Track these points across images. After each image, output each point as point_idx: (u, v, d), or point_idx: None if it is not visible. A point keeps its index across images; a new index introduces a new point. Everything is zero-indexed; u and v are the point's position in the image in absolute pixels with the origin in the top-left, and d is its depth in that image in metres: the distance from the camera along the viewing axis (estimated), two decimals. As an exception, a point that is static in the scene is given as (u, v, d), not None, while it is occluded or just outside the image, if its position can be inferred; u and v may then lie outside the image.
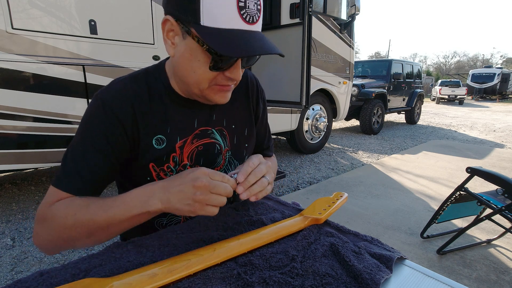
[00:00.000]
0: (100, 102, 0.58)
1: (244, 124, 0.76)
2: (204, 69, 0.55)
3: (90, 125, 0.58)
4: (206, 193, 0.48)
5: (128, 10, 2.34)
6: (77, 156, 0.57)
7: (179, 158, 0.66)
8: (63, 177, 0.56)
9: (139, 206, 0.52)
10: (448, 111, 12.18)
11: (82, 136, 0.58)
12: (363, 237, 0.58)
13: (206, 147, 0.69)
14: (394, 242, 1.94)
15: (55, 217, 0.53)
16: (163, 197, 0.51)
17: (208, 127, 0.69)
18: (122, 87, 0.60)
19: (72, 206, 0.53)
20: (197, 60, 0.54)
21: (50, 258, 1.75)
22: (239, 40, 0.50)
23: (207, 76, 0.56)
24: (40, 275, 0.43)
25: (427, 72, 36.92)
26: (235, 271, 0.45)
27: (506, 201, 1.60)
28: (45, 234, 0.55)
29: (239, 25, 0.50)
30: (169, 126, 0.64)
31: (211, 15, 0.49)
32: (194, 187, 0.48)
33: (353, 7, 4.32)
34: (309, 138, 4.36)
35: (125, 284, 0.40)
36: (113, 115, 0.58)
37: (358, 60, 8.00)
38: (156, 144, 0.63)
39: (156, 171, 0.64)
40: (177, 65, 0.58)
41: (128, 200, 0.53)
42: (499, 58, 47.28)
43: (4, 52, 1.91)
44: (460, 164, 3.84)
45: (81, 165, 0.56)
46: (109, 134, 0.58)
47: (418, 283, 0.45)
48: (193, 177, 0.49)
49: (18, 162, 2.08)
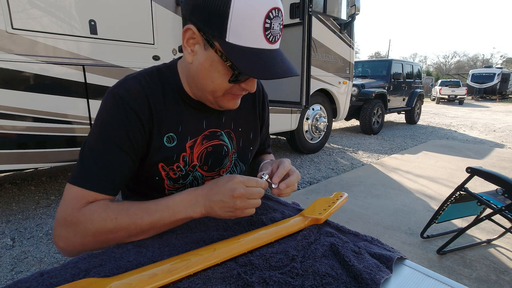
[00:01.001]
0: (119, 98, 0.58)
1: (250, 128, 0.77)
2: (223, 80, 0.57)
3: (110, 122, 0.57)
4: (245, 201, 0.53)
5: (128, 10, 2.34)
6: (99, 153, 0.56)
7: (189, 158, 0.67)
8: (87, 176, 0.55)
9: (183, 212, 0.55)
10: (448, 111, 12.17)
11: (101, 133, 0.57)
12: (363, 237, 0.58)
13: (215, 148, 0.70)
14: (394, 242, 1.94)
15: (92, 221, 0.52)
16: (206, 204, 0.55)
17: (217, 129, 0.70)
18: (137, 84, 0.60)
19: (111, 210, 0.53)
20: (216, 71, 0.56)
21: (50, 258, 1.75)
22: (263, 62, 0.52)
23: (224, 87, 0.58)
24: (40, 275, 0.43)
25: (427, 72, 36.91)
26: (235, 271, 0.45)
27: (506, 201, 1.60)
28: (77, 237, 0.53)
29: (262, 44, 0.52)
30: (180, 125, 0.65)
31: (237, 33, 0.50)
32: (234, 197, 0.53)
33: (353, 7, 4.32)
34: (309, 138, 4.36)
35: (125, 284, 0.40)
36: (132, 112, 0.58)
37: (358, 60, 8.00)
38: (167, 142, 0.63)
39: (165, 170, 0.65)
40: (194, 72, 0.59)
41: (172, 205, 0.55)
42: (499, 58, 47.31)
43: (4, 52, 1.91)
44: (460, 164, 3.84)
45: (104, 162, 0.56)
46: (130, 131, 0.58)
47: (418, 283, 0.45)
48: (231, 188, 0.53)
49: (18, 162, 2.08)
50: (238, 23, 0.49)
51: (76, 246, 0.54)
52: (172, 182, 0.67)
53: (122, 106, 0.57)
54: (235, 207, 0.53)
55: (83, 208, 0.53)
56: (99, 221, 0.52)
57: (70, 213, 0.53)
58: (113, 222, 0.52)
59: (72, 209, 0.53)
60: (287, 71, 0.54)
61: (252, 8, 0.49)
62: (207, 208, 0.55)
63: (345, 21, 4.33)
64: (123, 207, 0.54)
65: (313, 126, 4.31)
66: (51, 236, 2.00)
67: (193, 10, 0.53)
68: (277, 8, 0.52)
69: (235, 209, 0.53)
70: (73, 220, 0.53)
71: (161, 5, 2.49)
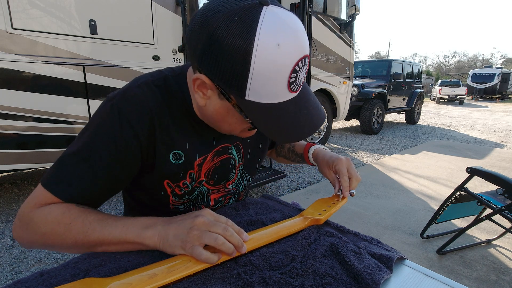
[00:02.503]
0: (116, 110, 0.52)
1: (259, 138, 0.73)
2: (241, 125, 0.53)
3: (100, 132, 0.52)
4: (202, 231, 0.45)
5: (128, 10, 2.34)
6: (80, 162, 0.51)
7: (196, 175, 0.63)
8: (59, 182, 0.51)
9: (135, 232, 0.48)
10: (448, 111, 12.17)
11: (88, 142, 0.52)
12: (363, 237, 0.58)
13: (223, 162, 0.66)
14: (394, 242, 1.94)
15: (45, 222, 0.49)
16: (161, 231, 0.48)
17: (228, 144, 0.66)
18: (140, 95, 0.54)
19: (70, 214, 0.49)
20: (234, 117, 0.51)
21: (50, 258, 1.75)
22: (285, 122, 0.47)
23: (243, 127, 0.54)
24: (40, 275, 0.43)
25: (427, 72, 36.90)
26: (235, 271, 0.45)
27: (506, 201, 1.60)
28: (27, 235, 0.51)
29: (285, 97, 0.46)
30: (187, 142, 0.59)
31: (257, 92, 0.43)
32: (192, 223, 0.47)
33: (353, 7, 4.32)
34: (309, 138, 4.36)
35: (125, 284, 0.40)
36: (128, 126, 0.52)
37: (358, 60, 8.00)
38: (174, 159, 0.59)
39: (171, 187, 0.61)
40: (208, 114, 0.54)
41: (128, 223, 0.49)
42: (499, 58, 47.31)
43: (4, 52, 1.91)
44: (460, 164, 3.84)
45: (82, 173, 0.51)
46: (120, 147, 0.52)
47: (418, 283, 0.45)
48: (196, 214, 0.48)
49: (18, 162, 2.08)
50: (259, 84, 0.42)
51: (24, 241, 0.52)
52: (177, 198, 0.64)
53: (118, 118, 0.51)
54: (188, 234, 0.45)
55: (41, 208, 0.50)
56: (52, 222, 0.49)
57: (28, 212, 0.51)
58: (65, 227, 0.48)
59: (31, 207, 0.51)
60: (312, 126, 0.49)
61: (275, 66, 0.41)
62: (161, 235, 0.47)
63: (345, 21, 4.33)
64: (84, 214, 0.50)
65: (313, 126, 4.31)
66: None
67: (203, 59, 0.44)
68: (306, 57, 0.44)
69: (187, 236, 0.45)
70: (27, 218, 0.50)
71: (161, 5, 2.48)
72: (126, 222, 0.50)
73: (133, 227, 0.49)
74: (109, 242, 0.49)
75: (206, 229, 0.46)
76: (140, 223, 0.50)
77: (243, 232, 0.49)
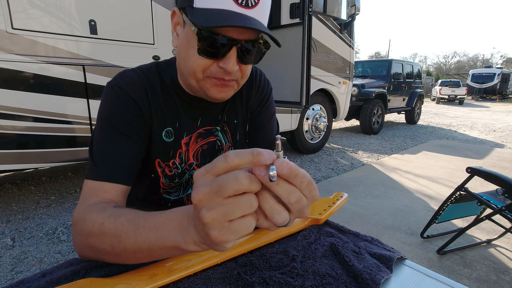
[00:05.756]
0: (118, 88, 0.57)
1: (246, 119, 0.74)
2: (197, 56, 0.53)
3: (112, 112, 0.57)
4: (220, 226, 0.30)
5: (128, 10, 2.34)
6: (103, 142, 0.55)
7: (185, 155, 0.66)
8: (97, 168, 0.54)
9: (172, 237, 0.36)
10: (448, 111, 12.17)
11: (105, 124, 0.57)
12: (363, 237, 0.58)
13: (210, 144, 0.69)
14: (394, 242, 1.94)
15: (84, 221, 0.46)
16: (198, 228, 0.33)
17: (212, 126, 0.68)
18: (136, 76, 0.60)
19: (104, 213, 0.45)
20: (191, 47, 0.53)
21: (50, 258, 1.75)
22: (222, 16, 0.47)
23: (200, 63, 0.53)
24: (43, 276, 0.43)
25: (427, 72, 36.90)
26: (235, 271, 0.45)
27: (506, 201, 1.60)
28: (76, 236, 0.49)
29: (229, 6, 0.47)
30: (178, 121, 0.64)
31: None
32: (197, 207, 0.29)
33: (353, 7, 4.32)
34: (309, 138, 4.36)
35: (125, 284, 0.40)
36: (132, 100, 0.58)
37: (358, 60, 8.00)
38: (166, 136, 0.63)
39: (161, 167, 0.64)
40: (178, 55, 0.59)
41: (162, 224, 0.38)
42: (499, 58, 47.33)
43: (4, 52, 1.91)
44: (460, 164, 3.83)
45: (112, 151, 0.55)
46: (131, 118, 0.57)
47: (418, 283, 0.45)
48: (192, 192, 0.40)
49: (18, 162, 2.08)
50: None
51: (76, 248, 0.49)
52: (167, 180, 0.66)
53: (122, 95, 0.57)
54: (207, 237, 0.30)
55: (89, 206, 0.49)
56: (89, 221, 0.46)
57: (77, 210, 0.50)
58: (99, 227, 0.44)
59: (80, 206, 0.51)
60: (246, 23, 0.47)
61: None
62: (200, 233, 0.33)
63: (345, 21, 4.33)
64: (116, 213, 0.45)
65: (313, 126, 4.31)
66: (51, 236, 2.00)
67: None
68: None
69: (211, 243, 0.31)
70: (76, 218, 0.49)
71: (161, 5, 2.49)
72: (158, 223, 0.38)
73: (168, 229, 0.37)
74: (147, 249, 0.39)
75: (223, 220, 0.29)
76: (174, 223, 0.37)
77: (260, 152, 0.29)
